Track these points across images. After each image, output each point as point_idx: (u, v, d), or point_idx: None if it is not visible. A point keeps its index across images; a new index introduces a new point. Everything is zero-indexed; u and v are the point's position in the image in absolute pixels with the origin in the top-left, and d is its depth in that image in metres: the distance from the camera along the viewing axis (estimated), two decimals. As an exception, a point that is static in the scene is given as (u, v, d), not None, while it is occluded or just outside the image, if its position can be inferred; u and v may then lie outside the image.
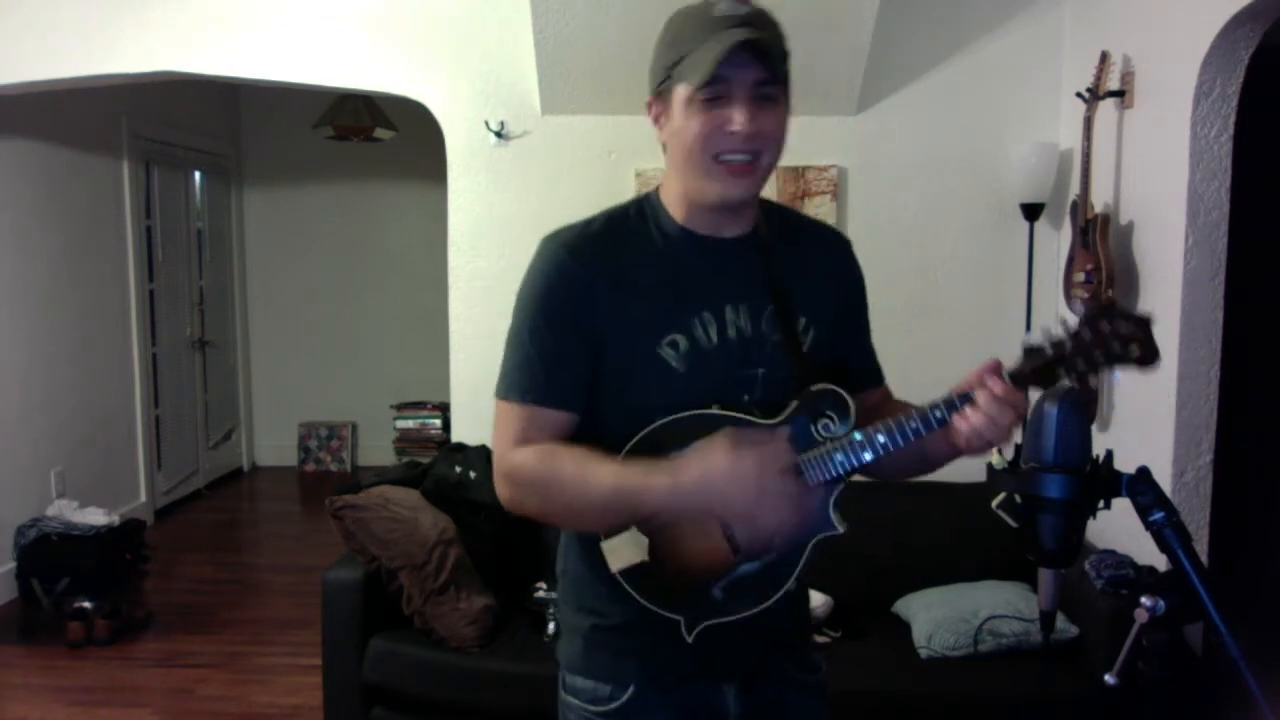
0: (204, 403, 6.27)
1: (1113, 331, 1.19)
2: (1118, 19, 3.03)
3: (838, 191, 3.49)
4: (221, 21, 3.68)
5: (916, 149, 3.50)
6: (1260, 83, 2.62)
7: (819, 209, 3.45)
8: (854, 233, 3.58)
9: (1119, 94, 2.92)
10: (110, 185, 5.23)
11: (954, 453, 1.27)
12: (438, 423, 6.29)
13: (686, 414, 1.27)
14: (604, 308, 1.29)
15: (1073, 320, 1.24)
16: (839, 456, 1.25)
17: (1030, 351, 1.22)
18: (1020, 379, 1.22)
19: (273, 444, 6.90)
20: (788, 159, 1.34)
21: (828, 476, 1.26)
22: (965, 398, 1.22)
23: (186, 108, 5.94)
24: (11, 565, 4.30)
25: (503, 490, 1.31)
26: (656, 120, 1.33)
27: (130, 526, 4.62)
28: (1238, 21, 2.45)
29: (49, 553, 4.23)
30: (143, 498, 5.49)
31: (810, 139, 3.46)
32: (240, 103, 6.65)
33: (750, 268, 1.34)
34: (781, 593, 1.30)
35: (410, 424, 6.35)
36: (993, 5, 3.44)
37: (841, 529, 1.29)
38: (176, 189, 5.94)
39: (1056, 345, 1.20)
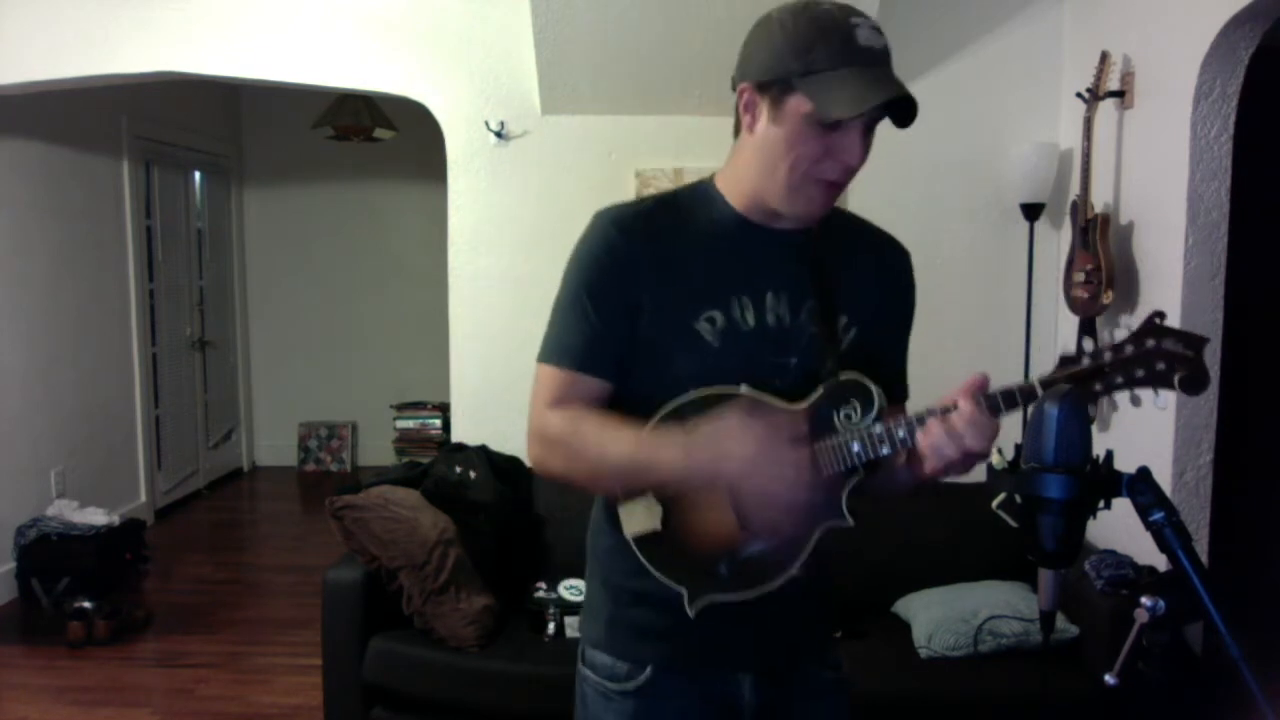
0: (204, 403, 6.27)
1: (1159, 350, 1.14)
2: (1118, 19, 3.03)
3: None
4: (221, 21, 3.68)
5: (916, 149, 3.49)
6: (1260, 83, 2.62)
7: (819, 209, 3.45)
8: (854, 233, 3.62)
9: (1119, 94, 2.92)
10: (110, 185, 5.23)
11: (912, 479, 1.27)
12: (438, 423, 6.29)
13: (715, 390, 1.28)
14: (646, 283, 1.30)
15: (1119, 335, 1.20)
16: (856, 446, 1.24)
17: (1066, 360, 1.18)
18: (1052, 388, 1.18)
19: (273, 444, 6.90)
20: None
21: (842, 466, 1.25)
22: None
23: (186, 108, 5.94)
24: (11, 565, 4.30)
25: (532, 449, 1.35)
26: (748, 108, 1.28)
27: (130, 526, 4.62)
28: (1238, 21, 2.45)
29: (49, 553, 4.23)
30: (143, 498, 5.49)
31: (810, 139, 3.44)
32: (240, 103, 6.65)
33: (797, 258, 1.34)
34: (785, 578, 1.29)
35: (410, 424, 6.36)
36: (993, 5, 3.44)
37: (851, 522, 1.28)
38: (176, 189, 5.94)
39: (1095, 356, 1.16)
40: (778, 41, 1.23)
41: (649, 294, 1.30)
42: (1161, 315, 1.15)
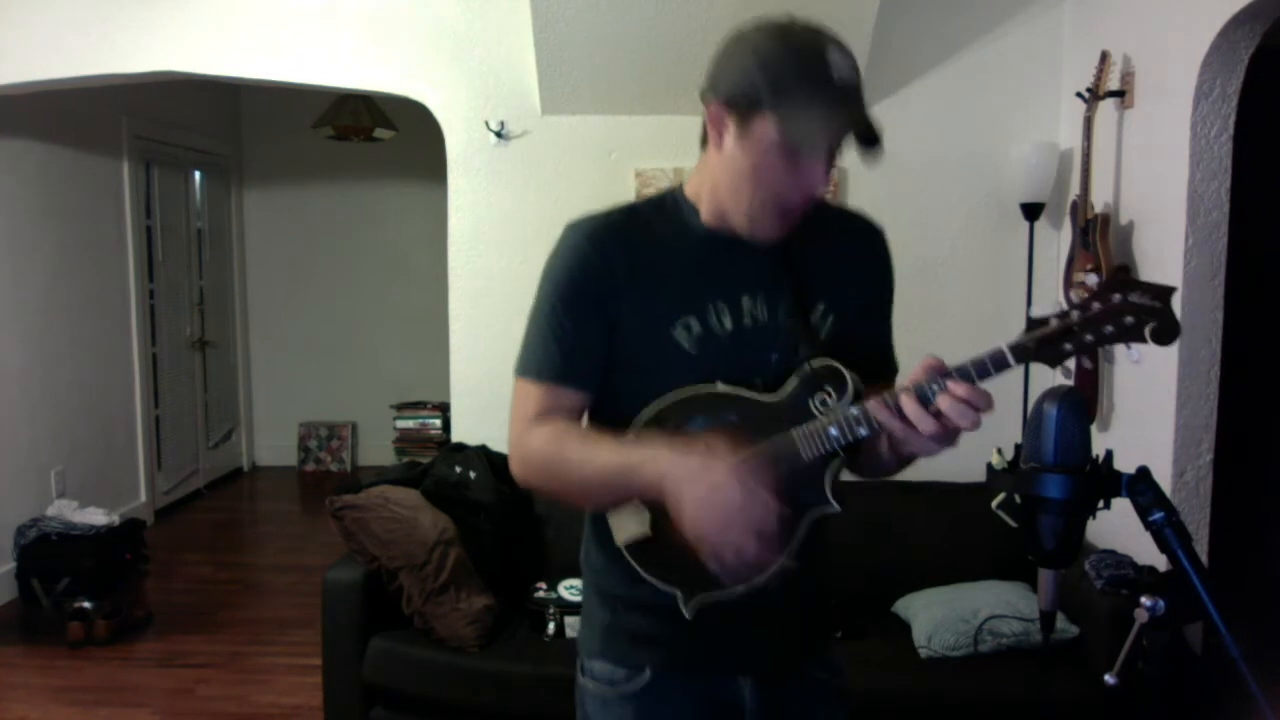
0: (204, 403, 6.27)
1: (1125, 304, 1.12)
2: (1118, 19, 3.03)
3: (838, 191, 3.49)
4: (221, 21, 3.68)
5: (916, 149, 3.50)
6: (1260, 83, 2.62)
7: (819, 209, 3.45)
8: (854, 233, 3.62)
9: (1119, 94, 2.92)
10: (110, 185, 5.23)
11: (897, 459, 1.25)
12: (438, 423, 6.28)
13: (690, 390, 1.29)
14: (621, 294, 1.31)
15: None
16: (833, 430, 1.24)
17: (1034, 323, 1.17)
18: (1022, 353, 1.16)
19: (273, 444, 6.89)
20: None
21: (821, 450, 1.25)
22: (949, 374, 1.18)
23: (186, 108, 5.94)
24: (11, 565, 4.29)
25: (515, 466, 1.35)
26: (715, 123, 1.28)
27: (130, 526, 4.60)
28: (1238, 21, 2.45)
29: (49, 553, 4.22)
30: (143, 498, 5.49)
31: (810, 139, 3.44)
32: (240, 103, 6.65)
33: (770, 258, 1.34)
34: (776, 568, 1.26)
35: (410, 424, 6.35)
36: (993, 5, 3.44)
37: (837, 507, 1.27)
38: (176, 189, 5.94)
39: (1062, 317, 1.15)
40: (750, 62, 1.23)
41: (625, 304, 1.31)
42: (1126, 269, 1.14)
